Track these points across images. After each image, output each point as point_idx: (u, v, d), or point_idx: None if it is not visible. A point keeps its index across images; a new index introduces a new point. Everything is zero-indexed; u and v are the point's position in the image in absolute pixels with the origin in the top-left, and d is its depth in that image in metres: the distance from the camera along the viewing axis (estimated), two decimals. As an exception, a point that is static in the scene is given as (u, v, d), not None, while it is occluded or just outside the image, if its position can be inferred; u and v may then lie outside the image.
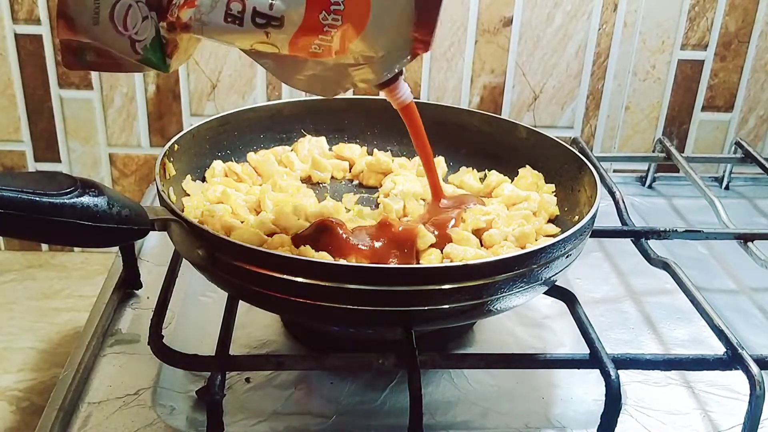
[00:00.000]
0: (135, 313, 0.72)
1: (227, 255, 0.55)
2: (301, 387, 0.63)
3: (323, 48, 0.55)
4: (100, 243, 0.54)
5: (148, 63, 0.58)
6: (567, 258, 0.59)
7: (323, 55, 0.56)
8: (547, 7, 1.04)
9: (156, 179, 0.63)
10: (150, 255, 0.81)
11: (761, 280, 0.81)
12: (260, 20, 0.54)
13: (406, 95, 0.65)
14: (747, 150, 1.01)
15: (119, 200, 0.53)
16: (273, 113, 0.82)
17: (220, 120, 0.77)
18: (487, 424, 0.60)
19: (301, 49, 0.55)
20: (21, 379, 0.85)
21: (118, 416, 0.59)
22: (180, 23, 0.55)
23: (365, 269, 0.54)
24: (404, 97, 0.65)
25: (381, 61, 0.57)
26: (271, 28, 0.54)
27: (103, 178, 1.11)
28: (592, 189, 0.67)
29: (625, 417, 0.60)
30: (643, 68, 1.09)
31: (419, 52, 0.57)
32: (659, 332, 0.73)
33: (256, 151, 0.80)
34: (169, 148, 0.69)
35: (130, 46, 0.57)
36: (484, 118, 0.82)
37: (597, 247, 0.87)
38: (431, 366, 0.60)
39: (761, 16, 1.06)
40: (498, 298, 0.55)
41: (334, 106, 0.84)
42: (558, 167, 0.75)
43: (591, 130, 1.12)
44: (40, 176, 0.52)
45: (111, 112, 1.07)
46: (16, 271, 1.08)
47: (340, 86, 0.60)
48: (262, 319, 0.71)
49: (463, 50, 1.06)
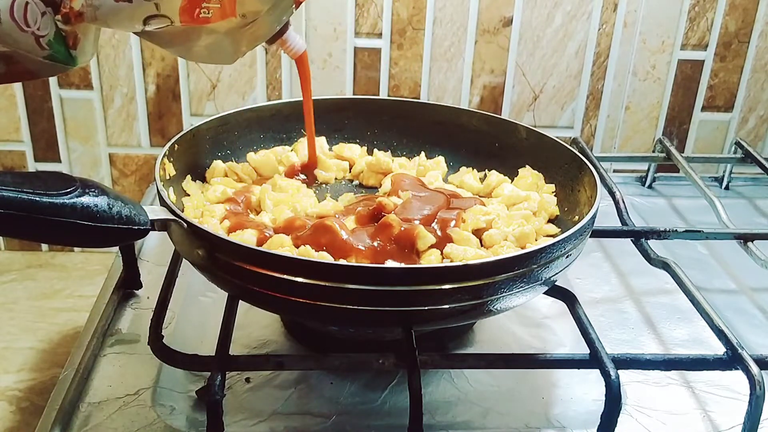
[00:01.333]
0: (135, 313, 0.72)
1: (227, 255, 0.55)
2: (301, 387, 0.63)
3: (212, 11, 0.57)
4: (100, 243, 0.54)
5: (56, 58, 0.59)
6: (567, 258, 0.59)
7: (214, 18, 0.57)
8: (547, 7, 1.04)
9: (156, 179, 0.63)
10: (150, 255, 0.81)
11: (761, 280, 0.81)
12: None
13: (299, 45, 0.68)
14: (747, 150, 1.01)
15: (119, 200, 0.53)
16: (273, 113, 0.82)
17: (220, 120, 0.77)
18: (487, 424, 0.60)
19: (192, 15, 0.57)
20: (21, 379, 0.85)
21: (118, 416, 0.59)
22: (74, 12, 0.57)
23: (365, 269, 0.54)
24: (297, 47, 0.69)
25: (268, 15, 0.60)
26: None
27: (103, 178, 1.11)
28: (592, 189, 0.67)
29: (625, 417, 0.60)
30: (643, 68, 1.09)
31: (302, 0, 0.61)
32: (659, 332, 0.73)
33: (256, 151, 0.80)
34: (169, 148, 0.69)
35: (35, 41, 0.58)
36: (484, 118, 0.82)
37: (597, 247, 0.87)
38: (431, 366, 0.60)
39: (761, 16, 1.06)
40: (498, 298, 0.55)
41: (334, 106, 0.84)
42: (558, 167, 0.75)
43: (591, 130, 1.12)
44: (40, 176, 0.51)
45: (111, 112, 1.07)
46: (16, 271, 1.08)
47: (237, 51, 0.63)
48: (262, 319, 0.71)
49: (463, 50, 1.06)
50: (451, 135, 0.83)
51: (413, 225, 0.65)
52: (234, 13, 0.57)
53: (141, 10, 0.57)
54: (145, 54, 1.04)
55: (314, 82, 1.07)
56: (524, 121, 1.10)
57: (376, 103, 0.86)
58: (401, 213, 0.67)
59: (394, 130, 0.85)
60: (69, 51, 0.60)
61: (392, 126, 0.85)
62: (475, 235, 0.66)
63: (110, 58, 1.04)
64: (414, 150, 0.84)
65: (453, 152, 0.82)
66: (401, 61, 1.06)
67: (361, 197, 0.76)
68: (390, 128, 0.85)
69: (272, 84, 1.07)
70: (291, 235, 0.64)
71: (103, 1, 0.56)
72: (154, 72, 1.05)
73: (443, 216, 0.68)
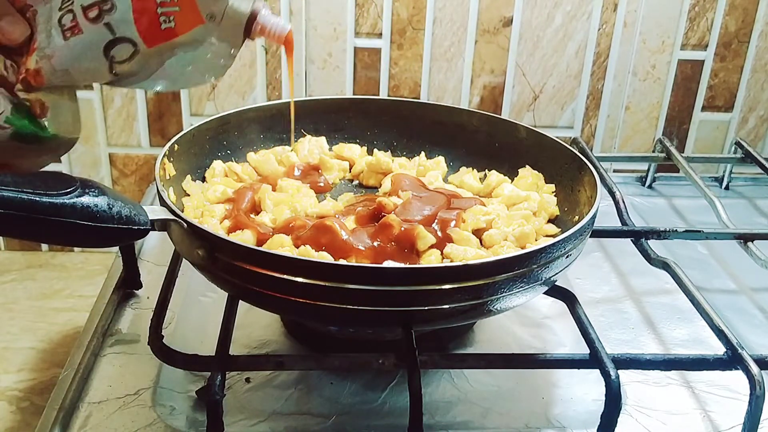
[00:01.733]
0: (135, 313, 0.72)
1: (227, 255, 0.55)
2: (301, 387, 0.63)
3: (173, 17, 0.54)
4: (100, 243, 0.54)
5: (23, 134, 0.56)
6: (567, 258, 0.59)
7: (180, 28, 0.55)
8: (547, 7, 1.04)
9: (156, 179, 0.63)
10: (150, 255, 0.81)
11: (761, 280, 0.81)
12: (92, 13, 0.53)
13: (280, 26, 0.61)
14: (747, 150, 1.01)
15: (119, 200, 0.53)
16: (273, 113, 0.82)
17: (220, 120, 0.77)
18: (487, 424, 0.60)
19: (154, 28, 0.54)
20: (21, 379, 0.85)
21: (118, 416, 0.59)
22: (31, 73, 0.55)
23: (365, 269, 0.54)
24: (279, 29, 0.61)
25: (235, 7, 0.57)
26: (106, 15, 0.53)
27: (103, 178, 1.11)
28: (592, 189, 0.67)
29: (625, 417, 0.60)
30: (643, 68, 1.09)
31: None
32: (659, 332, 0.73)
33: (256, 151, 0.80)
34: (169, 148, 0.69)
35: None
36: (484, 118, 0.82)
37: (597, 247, 0.87)
38: (431, 366, 0.60)
39: (761, 16, 1.06)
40: (498, 298, 0.55)
41: (334, 106, 0.84)
42: (558, 167, 0.75)
43: (591, 130, 1.12)
44: (40, 176, 0.51)
45: (111, 112, 1.07)
46: (16, 271, 1.08)
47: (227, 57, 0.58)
48: (262, 319, 0.71)
49: (463, 50, 1.06)
50: (451, 135, 0.83)
51: (413, 225, 0.65)
52: (200, 18, 0.55)
53: (97, 38, 0.54)
54: (145, 54, 1.04)
55: (314, 82, 1.07)
56: (524, 121, 1.10)
57: (376, 103, 0.86)
58: (401, 213, 0.67)
59: (394, 130, 0.85)
60: (36, 121, 0.56)
61: (392, 126, 0.85)
62: (475, 235, 0.66)
63: (110, 58, 1.04)
64: (414, 150, 0.84)
65: (453, 152, 0.82)
66: (401, 61, 1.06)
67: (361, 197, 0.76)
68: (390, 128, 0.85)
69: (272, 84, 1.07)
70: (291, 235, 0.64)
71: (55, 45, 0.54)
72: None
73: (443, 216, 0.68)
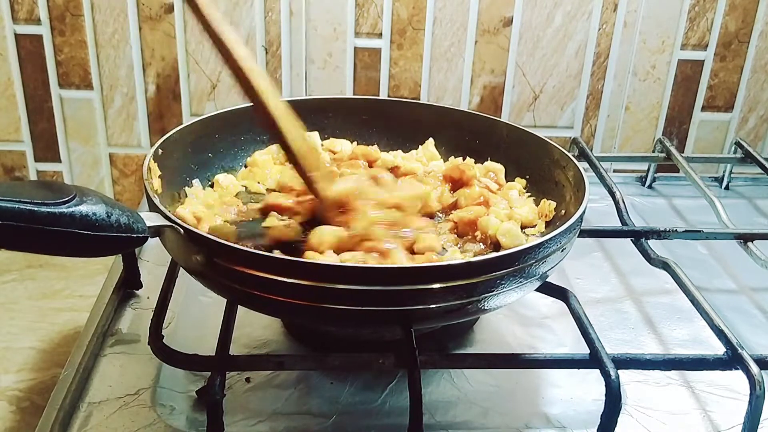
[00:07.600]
0: (135, 313, 0.72)
1: (226, 260, 0.54)
2: (301, 387, 0.63)
3: None
4: (99, 252, 0.52)
5: None
6: (562, 252, 0.59)
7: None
8: (547, 7, 1.04)
9: (145, 186, 0.63)
10: (150, 255, 0.81)
11: (761, 280, 0.81)
12: None
13: None
14: (747, 150, 1.01)
15: (117, 208, 0.52)
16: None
17: (220, 119, 0.77)
18: (487, 424, 0.60)
19: None
20: (21, 379, 0.85)
21: (118, 416, 0.59)
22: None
23: (365, 269, 0.54)
24: None
25: None
26: None
27: (103, 178, 1.11)
28: (579, 183, 0.66)
29: (625, 417, 0.60)
30: (643, 68, 1.09)
31: None
32: (659, 332, 0.73)
33: (256, 151, 0.80)
34: (159, 146, 0.69)
35: None
36: (465, 115, 0.82)
37: (597, 247, 0.87)
38: (431, 366, 0.60)
39: (761, 16, 1.06)
40: (496, 294, 0.56)
41: (334, 106, 0.84)
42: (539, 163, 0.74)
43: (591, 130, 1.12)
44: (37, 186, 0.50)
45: (111, 112, 1.07)
46: (16, 271, 1.08)
47: None
48: (262, 320, 0.70)
49: (463, 50, 1.06)
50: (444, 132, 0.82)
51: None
52: None
53: None
54: (145, 54, 1.04)
55: (314, 82, 1.07)
56: (524, 122, 1.10)
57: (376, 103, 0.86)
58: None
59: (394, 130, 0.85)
60: None
61: (392, 126, 0.85)
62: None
63: (110, 58, 1.04)
64: (412, 147, 0.83)
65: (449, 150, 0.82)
66: (401, 61, 1.06)
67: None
68: (390, 128, 0.85)
69: (272, 84, 1.06)
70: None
71: None
72: (154, 72, 1.05)
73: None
